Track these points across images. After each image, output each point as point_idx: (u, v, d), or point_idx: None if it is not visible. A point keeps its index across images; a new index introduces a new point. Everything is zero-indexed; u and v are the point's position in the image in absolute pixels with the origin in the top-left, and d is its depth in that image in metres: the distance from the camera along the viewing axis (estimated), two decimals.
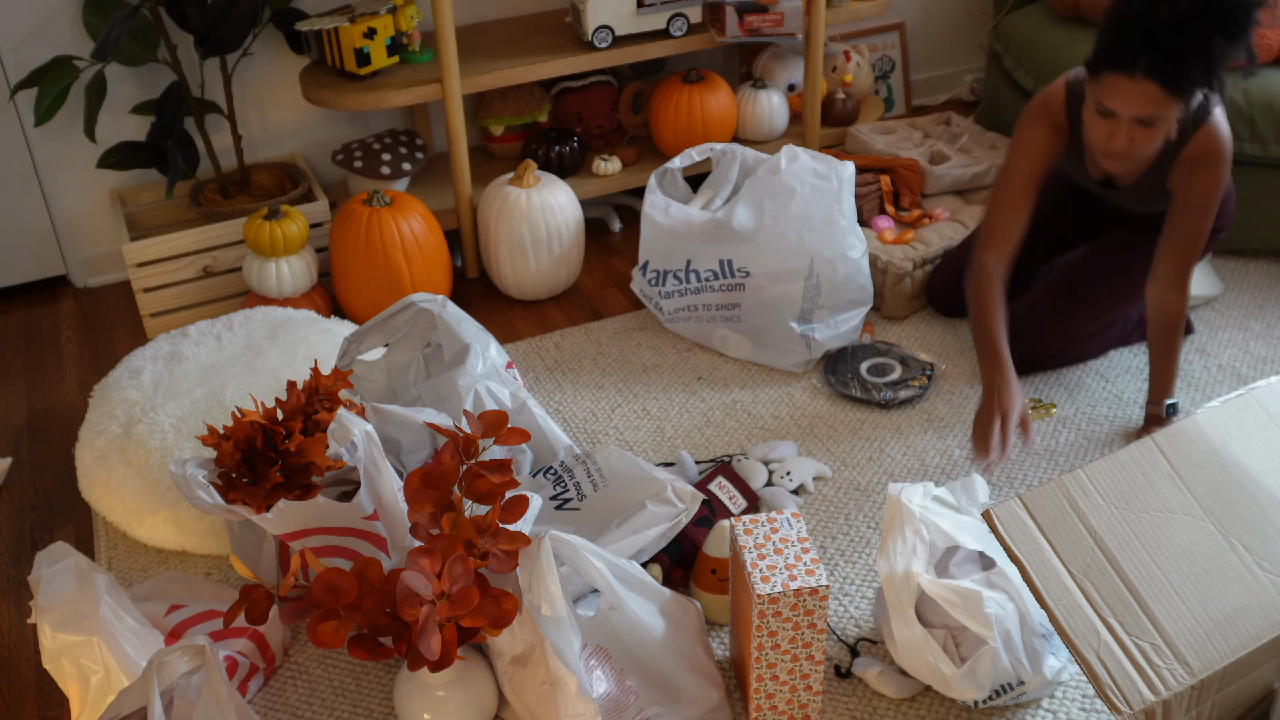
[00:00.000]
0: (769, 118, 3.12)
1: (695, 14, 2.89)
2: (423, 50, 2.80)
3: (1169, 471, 2.07)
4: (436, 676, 1.67)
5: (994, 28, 3.32)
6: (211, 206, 2.79)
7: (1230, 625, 1.85)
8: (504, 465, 1.65)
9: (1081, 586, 1.93)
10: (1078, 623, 1.89)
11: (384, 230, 2.58)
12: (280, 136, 3.00)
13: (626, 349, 2.63)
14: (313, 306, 2.68)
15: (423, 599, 1.49)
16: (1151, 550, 1.96)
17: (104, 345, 2.77)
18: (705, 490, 2.04)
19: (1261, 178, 2.75)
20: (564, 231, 2.73)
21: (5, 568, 2.15)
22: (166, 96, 2.70)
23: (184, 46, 2.78)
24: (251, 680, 1.81)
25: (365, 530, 1.88)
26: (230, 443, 1.74)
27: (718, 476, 2.07)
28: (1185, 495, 2.03)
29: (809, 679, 1.68)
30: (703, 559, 1.88)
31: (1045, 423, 2.34)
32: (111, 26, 2.43)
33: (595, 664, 1.72)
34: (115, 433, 2.12)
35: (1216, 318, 2.64)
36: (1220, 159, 2.04)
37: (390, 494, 1.88)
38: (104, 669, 1.66)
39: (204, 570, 2.08)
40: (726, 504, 2.04)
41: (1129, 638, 1.85)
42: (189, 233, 2.66)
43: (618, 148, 3.12)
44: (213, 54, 2.60)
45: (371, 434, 1.80)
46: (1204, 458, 2.08)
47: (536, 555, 1.59)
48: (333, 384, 1.87)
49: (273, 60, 2.91)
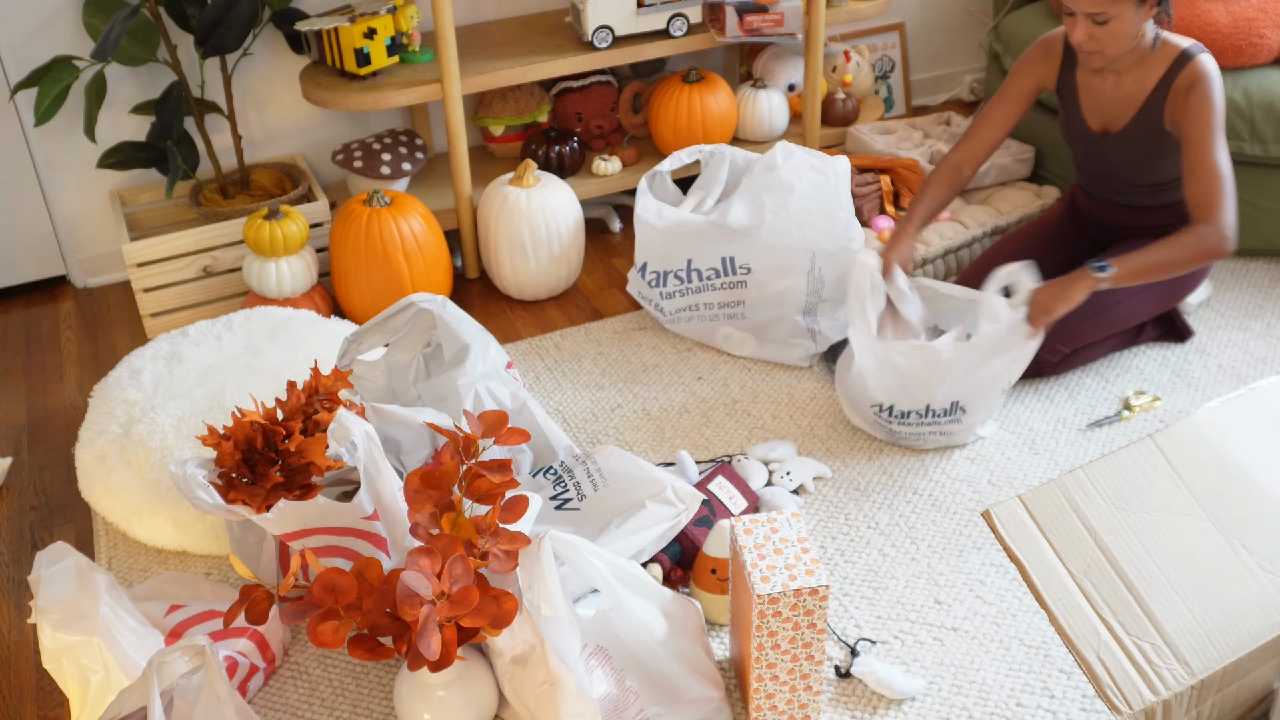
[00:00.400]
0: (769, 118, 3.12)
1: (695, 14, 2.89)
2: (423, 50, 2.80)
3: (1169, 472, 2.07)
4: (436, 676, 1.67)
5: (994, 28, 3.32)
6: (211, 207, 2.79)
7: (1230, 625, 1.85)
8: (504, 465, 1.65)
9: (1081, 587, 1.94)
10: (1077, 623, 1.89)
11: (384, 230, 2.58)
12: (280, 136, 3.00)
13: (626, 349, 2.63)
14: (313, 306, 2.68)
15: (423, 599, 1.49)
16: (1151, 550, 1.96)
17: (104, 345, 2.77)
18: (705, 490, 2.05)
19: (1261, 178, 2.75)
20: (564, 231, 2.73)
21: (5, 568, 2.15)
22: (166, 96, 2.70)
23: (184, 46, 2.78)
24: (251, 680, 1.81)
25: (365, 530, 1.88)
26: (230, 443, 1.74)
27: (718, 476, 2.08)
28: (1185, 495, 2.04)
29: (809, 679, 1.68)
30: (702, 559, 1.88)
31: (1045, 422, 2.34)
32: (111, 27, 2.42)
33: (595, 664, 1.72)
34: (115, 433, 2.12)
35: (1216, 318, 2.64)
36: (1209, 81, 2.16)
37: (390, 494, 1.88)
38: (104, 669, 1.66)
39: (204, 570, 2.08)
40: (726, 504, 2.04)
41: (1129, 638, 1.85)
42: (188, 233, 2.66)
43: (618, 147, 3.12)
44: (213, 54, 2.60)
45: (372, 434, 1.80)
46: (1204, 458, 2.08)
47: (536, 555, 1.59)
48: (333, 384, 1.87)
49: (273, 60, 2.91)
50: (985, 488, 2.19)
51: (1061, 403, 2.40)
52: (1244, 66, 2.73)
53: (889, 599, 1.96)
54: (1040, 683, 1.81)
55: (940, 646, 1.87)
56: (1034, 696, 1.79)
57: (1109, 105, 2.31)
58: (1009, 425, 2.34)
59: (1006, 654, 1.86)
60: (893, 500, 2.17)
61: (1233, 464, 2.07)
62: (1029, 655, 1.85)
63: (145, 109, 2.78)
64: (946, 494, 2.17)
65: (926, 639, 1.89)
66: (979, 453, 2.27)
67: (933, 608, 1.94)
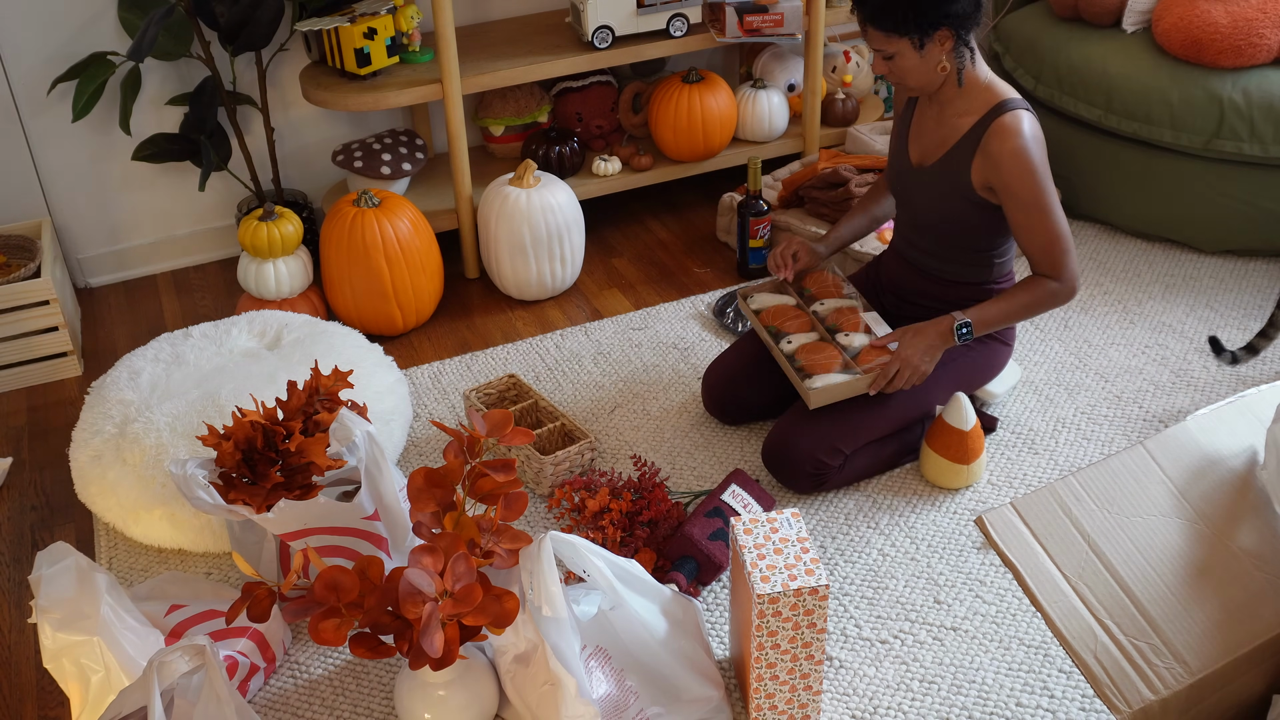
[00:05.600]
0: (769, 118, 3.12)
1: (695, 14, 2.89)
2: (423, 50, 2.80)
3: (1160, 476, 2.07)
4: (437, 676, 1.67)
5: (994, 28, 3.33)
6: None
7: (1228, 625, 1.85)
8: (508, 465, 1.65)
9: (1077, 589, 1.94)
10: (1074, 624, 1.89)
11: (366, 232, 2.57)
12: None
13: (626, 349, 2.63)
14: (309, 307, 2.68)
15: (426, 596, 1.49)
16: (1146, 553, 1.96)
17: (104, 345, 2.77)
18: (719, 501, 2.02)
19: (1261, 178, 2.75)
20: (564, 231, 2.73)
21: (6, 567, 2.15)
22: (200, 90, 2.73)
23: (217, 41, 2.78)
24: (252, 680, 1.81)
25: (365, 530, 1.88)
26: (230, 443, 1.75)
27: (731, 485, 2.05)
28: (1178, 499, 2.04)
29: (809, 679, 1.69)
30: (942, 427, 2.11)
31: (1045, 422, 2.34)
32: (147, 27, 2.45)
33: (595, 665, 1.72)
34: (110, 433, 2.12)
35: (1216, 318, 2.64)
36: (1022, 142, 1.99)
37: (391, 494, 1.88)
38: (104, 669, 1.66)
39: (204, 569, 2.08)
40: (741, 512, 2.01)
41: (1126, 638, 1.85)
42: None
43: (618, 147, 3.12)
44: (241, 51, 2.63)
45: (373, 434, 1.80)
46: (1196, 463, 2.08)
47: (538, 556, 1.59)
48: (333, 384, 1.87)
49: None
50: (985, 487, 2.19)
51: (1061, 403, 2.40)
52: (1244, 66, 2.73)
53: (889, 599, 1.96)
54: (1040, 683, 1.81)
55: (940, 646, 1.87)
56: (1034, 696, 1.79)
57: (929, 137, 2.15)
58: (1009, 425, 2.34)
59: (1006, 654, 1.86)
60: (893, 500, 2.17)
61: (1225, 468, 2.07)
62: (1029, 655, 1.85)
63: (179, 101, 2.81)
64: (946, 494, 2.17)
65: (926, 639, 1.89)
66: None
67: (933, 608, 1.94)
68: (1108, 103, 2.85)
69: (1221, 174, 2.78)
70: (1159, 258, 2.88)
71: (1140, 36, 2.90)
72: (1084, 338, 2.60)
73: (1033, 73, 3.05)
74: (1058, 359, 2.53)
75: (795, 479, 2.12)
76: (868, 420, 2.11)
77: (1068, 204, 3.03)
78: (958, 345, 2.11)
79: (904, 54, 2.02)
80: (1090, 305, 2.71)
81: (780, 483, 2.17)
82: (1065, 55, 2.96)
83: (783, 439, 2.12)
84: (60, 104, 2.76)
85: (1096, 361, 2.52)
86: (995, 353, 2.22)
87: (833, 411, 2.10)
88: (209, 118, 2.77)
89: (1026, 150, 1.99)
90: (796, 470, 2.10)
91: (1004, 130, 2.00)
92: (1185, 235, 2.88)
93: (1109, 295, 2.74)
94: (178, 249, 3.05)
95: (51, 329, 2.60)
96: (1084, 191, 3.00)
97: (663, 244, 3.08)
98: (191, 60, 2.78)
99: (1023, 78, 3.09)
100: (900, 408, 2.14)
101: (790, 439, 2.10)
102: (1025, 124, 2.01)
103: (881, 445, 2.18)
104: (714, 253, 3.02)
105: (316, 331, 2.34)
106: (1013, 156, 1.99)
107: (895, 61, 2.04)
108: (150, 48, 2.45)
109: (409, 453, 2.33)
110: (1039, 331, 2.62)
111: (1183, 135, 2.75)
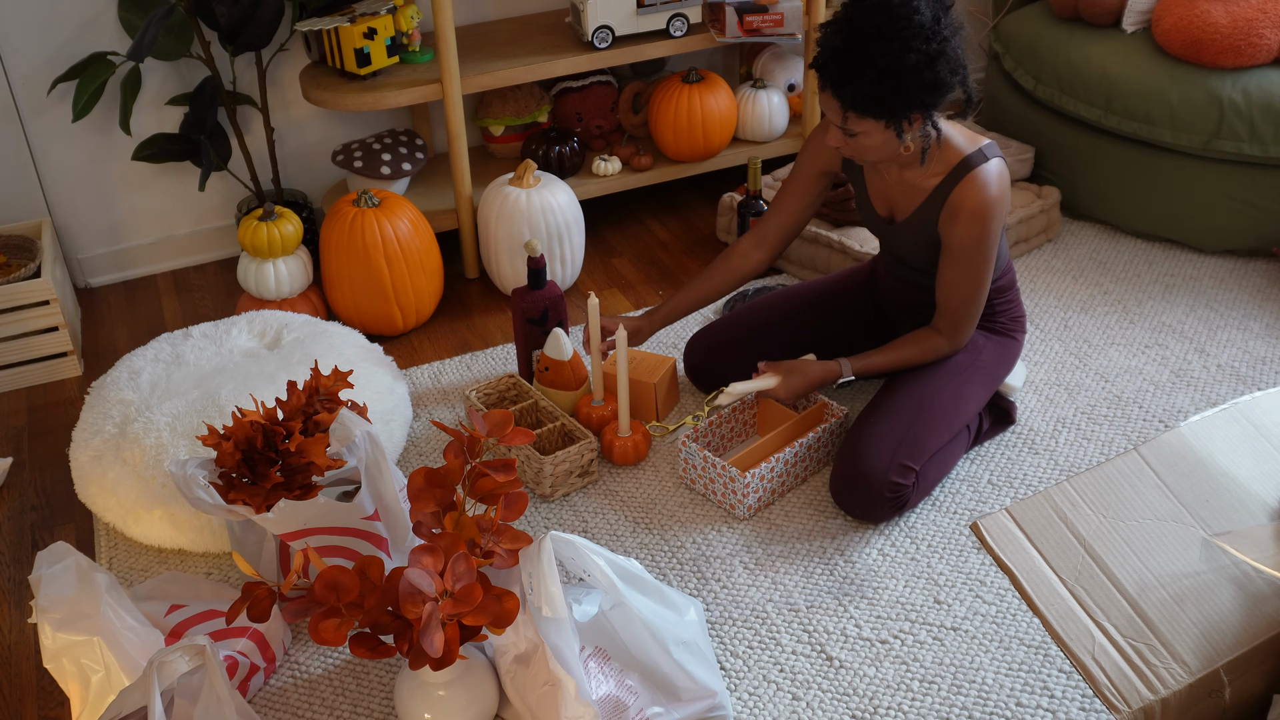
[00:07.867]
0: (769, 118, 3.12)
1: (695, 14, 2.89)
2: (423, 50, 2.80)
3: (1156, 481, 2.08)
4: (437, 676, 1.67)
5: (994, 28, 3.33)
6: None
7: (1227, 625, 1.86)
8: (508, 465, 1.65)
9: (1074, 592, 1.94)
10: (1071, 626, 1.89)
11: (366, 232, 2.57)
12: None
13: None
14: (309, 307, 2.68)
15: (426, 596, 1.49)
16: (1142, 556, 1.96)
17: (104, 345, 2.77)
18: None
19: (1261, 178, 2.75)
20: (564, 231, 2.73)
21: (6, 567, 2.15)
22: (200, 90, 2.73)
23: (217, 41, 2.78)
24: (252, 680, 1.81)
25: (366, 530, 1.88)
26: (230, 443, 1.75)
27: None
28: (1174, 503, 2.04)
29: None
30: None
31: (1045, 422, 2.34)
32: (147, 27, 2.45)
33: (595, 665, 1.72)
34: (110, 433, 2.12)
35: (1216, 318, 2.64)
36: (986, 202, 1.98)
37: (391, 494, 1.88)
38: (104, 669, 1.66)
39: (203, 569, 2.08)
40: None
41: (1124, 639, 1.85)
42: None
43: (618, 147, 3.12)
44: (241, 51, 2.63)
45: (373, 434, 1.80)
46: (1190, 468, 2.09)
47: (538, 556, 1.59)
48: (333, 384, 1.87)
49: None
50: (985, 488, 2.19)
51: (1061, 403, 2.40)
52: (1244, 66, 2.73)
53: (889, 599, 1.96)
54: (1040, 682, 1.81)
55: (940, 646, 1.88)
56: (1034, 696, 1.79)
57: (893, 193, 2.13)
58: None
59: (1006, 654, 1.86)
60: None
61: (1220, 473, 2.07)
62: (1029, 655, 1.85)
63: (179, 101, 2.81)
64: (946, 494, 2.18)
65: (926, 639, 1.89)
66: (979, 453, 2.27)
67: (932, 608, 1.94)
68: (1107, 103, 2.85)
69: (1221, 174, 2.78)
70: (1159, 258, 2.89)
71: (1140, 36, 2.91)
72: (1084, 338, 2.60)
73: (1032, 73, 3.05)
74: (1058, 359, 2.53)
75: (874, 508, 2.05)
76: (927, 433, 2.08)
77: (1068, 204, 3.04)
78: (972, 344, 2.16)
79: (870, 134, 1.96)
80: (1090, 305, 2.71)
81: (858, 518, 2.10)
82: (1065, 55, 2.96)
83: (851, 470, 2.05)
84: (60, 104, 2.76)
85: (1096, 361, 2.52)
86: (1012, 345, 2.25)
87: (892, 432, 2.06)
88: (209, 118, 2.76)
89: (987, 214, 1.99)
90: (875, 498, 2.03)
91: (971, 188, 1.99)
92: (1185, 235, 2.88)
93: (1109, 295, 2.74)
94: (178, 249, 3.05)
95: (51, 329, 2.60)
96: (1084, 191, 3.00)
97: (663, 244, 3.08)
98: (191, 60, 2.79)
99: (1022, 78, 3.09)
100: (955, 414, 2.12)
101: (859, 470, 2.04)
102: (993, 182, 1.99)
103: (947, 452, 2.15)
104: (714, 253, 3.02)
105: (316, 331, 2.34)
106: (971, 217, 2.00)
107: (858, 139, 1.97)
108: (150, 48, 2.46)
109: (409, 453, 2.33)
110: (1039, 332, 2.62)
111: (1182, 135, 2.75)
